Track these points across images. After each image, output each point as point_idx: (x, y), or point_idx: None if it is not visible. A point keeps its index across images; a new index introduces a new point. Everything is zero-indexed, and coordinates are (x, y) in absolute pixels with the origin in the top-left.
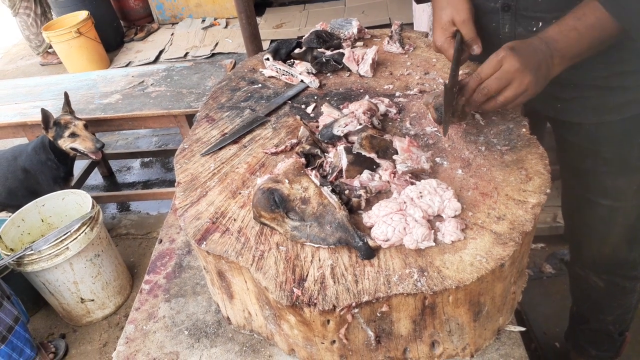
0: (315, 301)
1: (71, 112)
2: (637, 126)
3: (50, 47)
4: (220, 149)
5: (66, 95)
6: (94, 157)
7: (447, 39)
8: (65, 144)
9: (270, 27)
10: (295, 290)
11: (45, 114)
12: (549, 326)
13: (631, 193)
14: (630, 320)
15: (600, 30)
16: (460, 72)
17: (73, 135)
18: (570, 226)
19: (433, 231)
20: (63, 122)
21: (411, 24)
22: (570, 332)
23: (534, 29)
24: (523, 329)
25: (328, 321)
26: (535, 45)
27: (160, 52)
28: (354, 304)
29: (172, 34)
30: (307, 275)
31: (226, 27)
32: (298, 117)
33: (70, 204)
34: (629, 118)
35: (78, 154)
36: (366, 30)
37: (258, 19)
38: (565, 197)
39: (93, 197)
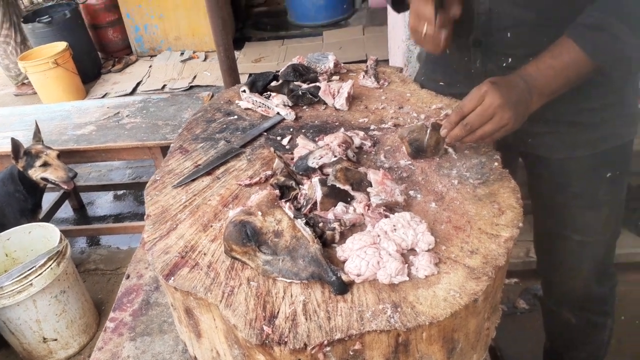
0: (285, 339)
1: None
2: (606, 161)
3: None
4: (193, 180)
5: (36, 124)
6: (65, 187)
7: (426, 5)
8: (36, 173)
9: (249, 61)
10: (265, 328)
11: (15, 144)
12: None
13: (600, 227)
14: (602, 357)
15: (576, 67)
16: (436, 106)
17: (45, 164)
18: (542, 261)
19: (407, 265)
20: (34, 151)
21: (387, 61)
22: None
23: (504, 64)
24: None
25: None
26: (515, 82)
27: (138, 84)
28: (325, 342)
29: (150, 66)
30: (278, 312)
31: (205, 60)
32: (272, 149)
33: (37, 238)
34: (598, 153)
35: (49, 185)
36: (342, 64)
37: (237, 53)
38: (537, 232)
39: (62, 231)
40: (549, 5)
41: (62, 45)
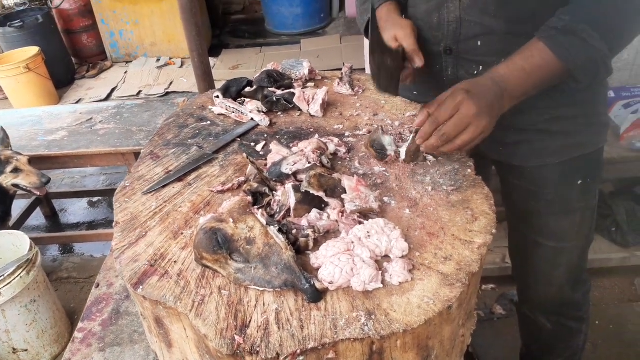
0: (257, 349)
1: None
2: (576, 169)
3: None
4: (164, 187)
5: (3, 130)
6: (38, 193)
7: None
8: (6, 180)
9: (227, 67)
10: (236, 337)
11: None
12: None
13: (573, 234)
14: None
15: (546, 70)
16: (410, 114)
17: (16, 170)
18: (517, 267)
19: (381, 272)
20: (4, 157)
21: (363, 69)
22: None
23: (475, 72)
24: None
25: None
26: (488, 87)
27: (113, 90)
28: (298, 351)
29: (126, 72)
30: (250, 321)
31: (181, 66)
32: (245, 154)
33: (6, 246)
34: (568, 161)
35: (20, 191)
36: (317, 71)
37: (214, 60)
38: (512, 239)
39: (33, 239)
40: (518, 14)
41: (34, 50)
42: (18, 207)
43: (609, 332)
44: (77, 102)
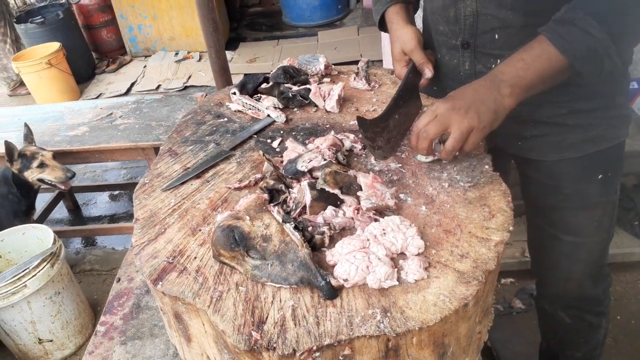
0: (274, 345)
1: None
2: (596, 163)
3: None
4: (182, 183)
5: (27, 126)
6: (62, 187)
7: (402, 68)
8: (32, 175)
9: (244, 61)
10: (254, 333)
11: (9, 147)
12: None
13: (592, 229)
14: (598, 356)
15: (547, 60)
16: (427, 108)
17: (42, 165)
18: (536, 261)
19: (396, 269)
20: (29, 153)
21: (381, 61)
22: None
23: (493, 65)
24: None
25: None
26: (475, 86)
27: (132, 84)
28: (314, 348)
29: (145, 67)
30: (267, 318)
31: (200, 60)
32: (261, 152)
33: (31, 239)
34: (587, 155)
35: (44, 186)
36: (333, 66)
37: (232, 53)
38: (530, 233)
39: (56, 232)
40: (535, 7)
41: (55, 45)
42: (42, 200)
43: (630, 327)
44: (97, 97)
